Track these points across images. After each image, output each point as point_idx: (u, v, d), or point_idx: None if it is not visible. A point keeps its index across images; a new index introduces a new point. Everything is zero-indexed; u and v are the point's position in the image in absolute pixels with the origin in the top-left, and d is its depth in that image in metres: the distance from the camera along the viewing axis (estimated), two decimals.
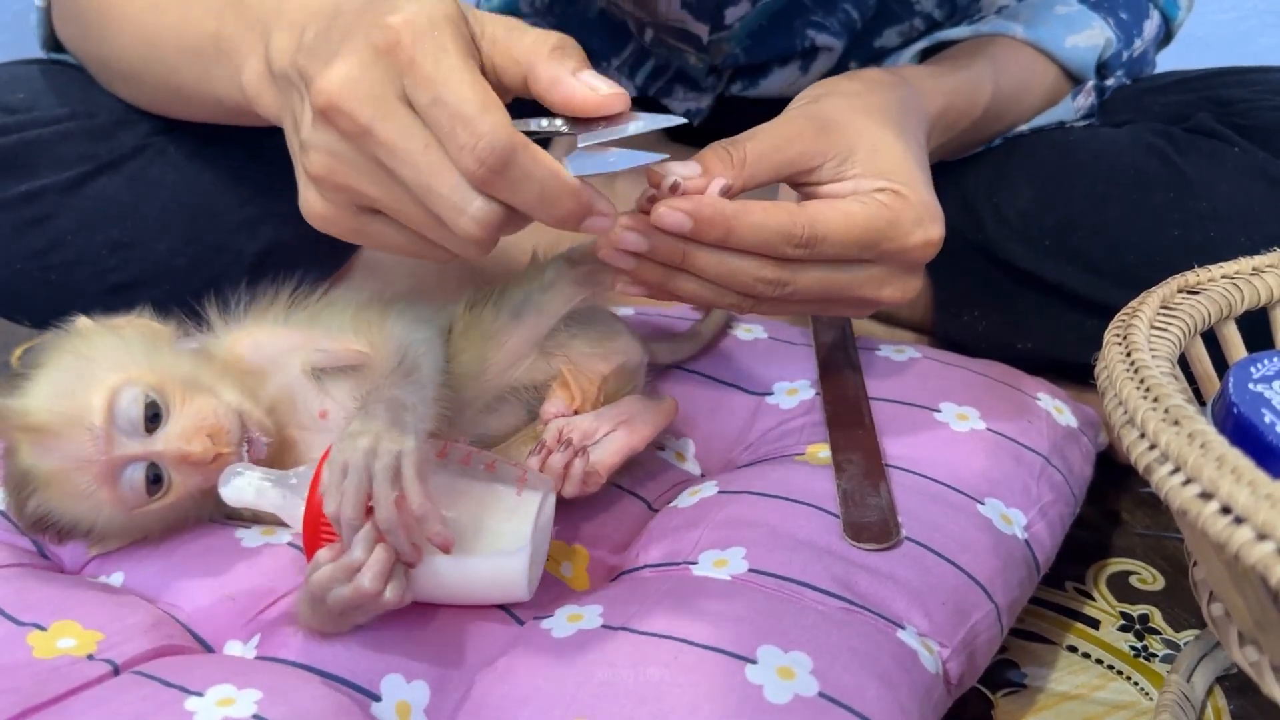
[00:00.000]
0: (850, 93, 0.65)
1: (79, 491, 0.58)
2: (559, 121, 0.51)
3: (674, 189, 0.55)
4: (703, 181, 0.56)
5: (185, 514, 0.63)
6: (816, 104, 0.64)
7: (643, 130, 0.52)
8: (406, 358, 0.59)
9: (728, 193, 0.56)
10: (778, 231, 0.56)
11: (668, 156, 0.54)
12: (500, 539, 0.55)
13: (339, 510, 0.52)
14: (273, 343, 0.63)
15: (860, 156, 0.60)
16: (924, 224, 0.60)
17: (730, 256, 0.56)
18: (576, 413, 0.66)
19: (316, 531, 0.54)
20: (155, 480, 0.59)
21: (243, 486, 0.57)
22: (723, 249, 0.56)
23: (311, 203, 0.53)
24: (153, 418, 0.58)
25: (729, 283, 0.57)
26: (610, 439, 0.65)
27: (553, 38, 0.50)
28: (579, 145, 0.50)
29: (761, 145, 0.59)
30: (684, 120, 0.54)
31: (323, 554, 0.53)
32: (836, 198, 0.60)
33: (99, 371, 0.58)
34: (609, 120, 0.51)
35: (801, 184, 0.61)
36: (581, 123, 0.51)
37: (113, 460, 0.58)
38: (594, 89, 0.50)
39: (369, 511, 0.52)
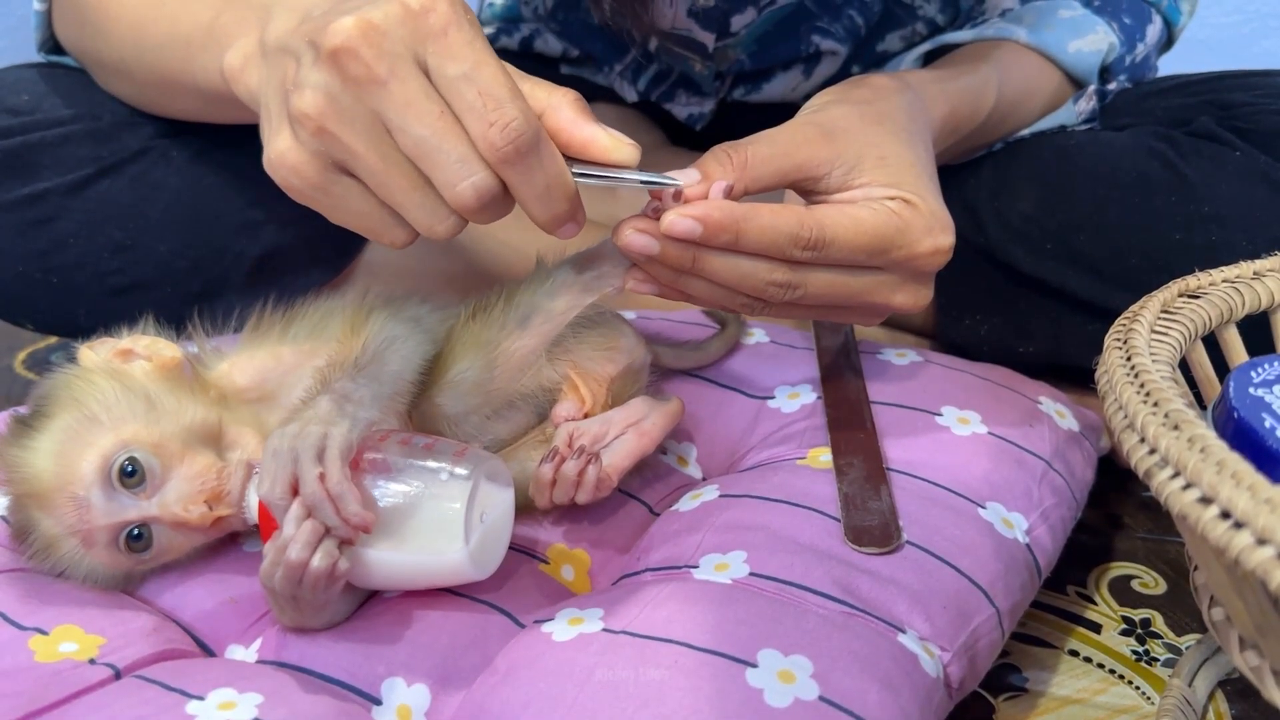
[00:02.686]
0: (857, 100, 0.65)
1: (80, 553, 0.58)
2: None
3: (677, 196, 0.56)
4: (704, 187, 0.56)
5: (194, 549, 0.62)
6: (823, 111, 0.64)
7: (636, 181, 0.54)
8: (367, 351, 0.59)
9: (730, 193, 0.57)
10: (786, 233, 0.56)
11: (671, 180, 0.56)
12: (435, 521, 0.55)
13: (269, 492, 0.52)
14: (277, 366, 0.62)
15: (868, 165, 0.60)
16: (934, 232, 0.60)
17: (740, 260, 0.56)
18: (587, 415, 0.66)
19: (270, 528, 0.54)
20: (135, 539, 0.58)
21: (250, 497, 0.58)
22: (732, 252, 0.56)
23: (284, 149, 0.52)
24: (132, 475, 0.57)
25: (739, 286, 0.57)
26: (620, 443, 0.65)
27: (572, 92, 0.53)
28: (571, 170, 0.53)
29: (765, 149, 0.59)
30: (679, 183, 0.56)
31: (267, 545, 0.54)
32: (846, 204, 0.60)
33: (95, 432, 0.57)
34: (609, 166, 0.54)
35: (808, 191, 0.61)
36: (578, 160, 0.54)
37: (97, 528, 0.57)
38: (614, 136, 0.53)
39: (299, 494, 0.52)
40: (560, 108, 0.53)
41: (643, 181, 0.55)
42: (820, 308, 0.61)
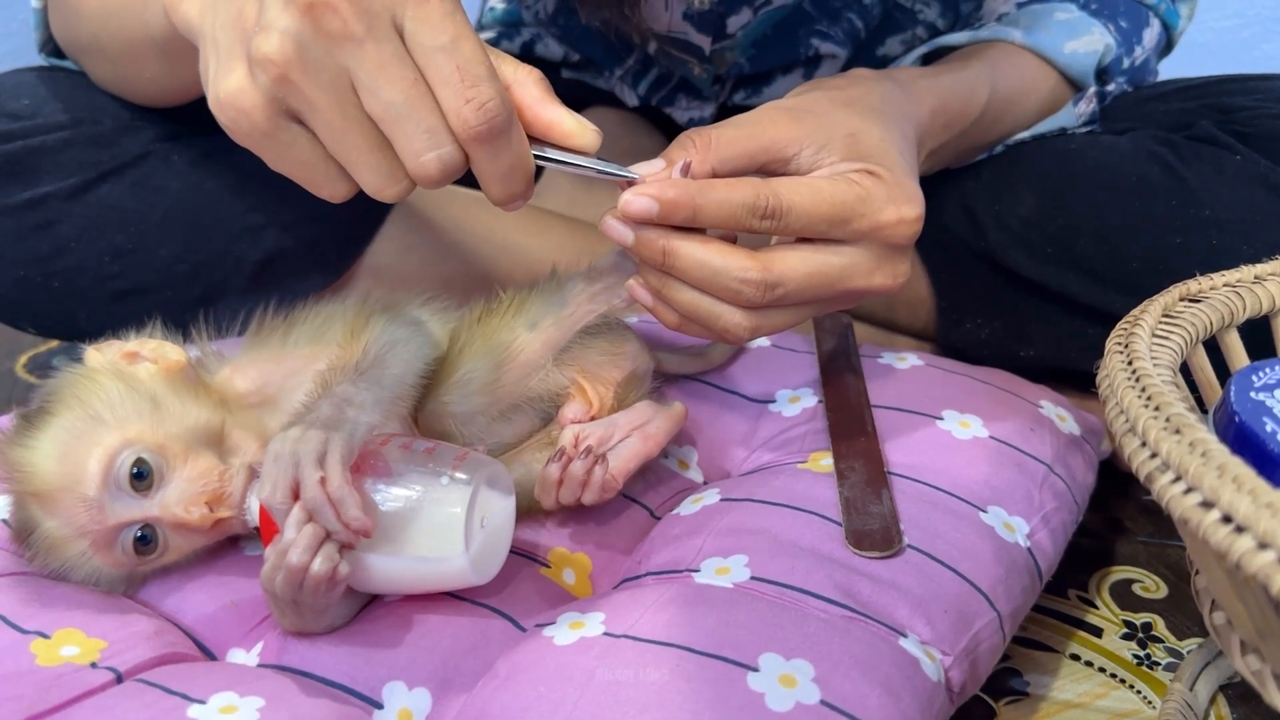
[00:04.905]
0: (831, 87, 0.66)
1: (80, 553, 0.58)
2: None
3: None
4: (668, 172, 0.56)
5: (195, 552, 0.62)
6: (796, 97, 0.64)
7: (591, 169, 0.55)
8: (368, 354, 0.59)
9: (688, 171, 0.57)
10: (743, 204, 0.55)
11: (628, 172, 0.56)
12: (435, 525, 0.55)
13: (270, 496, 0.52)
14: (278, 370, 0.62)
15: (838, 144, 0.60)
16: (897, 201, 0.59)
17: (710, 256, 0.56)
18: (593, 418, 0.66)
19: (271, 531, 0.54)
20: (143, 541, 0.58)
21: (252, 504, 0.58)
22: (698, 240, 0.56)
23: (236, 90, 0.51)
24: (142, 477, 0.57)
25: (714, 287, 0.57)
26: (625, 446, 0.65)
27: (536, 70, 0.53)
28: (531, 151, 0.53)
29: (731, 131, 0.59)
30: (635, 175, 0.56)
31: (268, 550, 0.54)
32: (807, 176, 0.59)
33: (99, 431, 0.57)
34: (569, 150, 0.54)
35: (779, 173, 0.61)
36: (536, 141, 0.54)
37: (106, 529, 0.57)
38: (578, 120, 0.53)
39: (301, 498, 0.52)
40: (525, 85, 0.53)
41: (599, 171, 0.55)
42: (804, 305, 0.60)
